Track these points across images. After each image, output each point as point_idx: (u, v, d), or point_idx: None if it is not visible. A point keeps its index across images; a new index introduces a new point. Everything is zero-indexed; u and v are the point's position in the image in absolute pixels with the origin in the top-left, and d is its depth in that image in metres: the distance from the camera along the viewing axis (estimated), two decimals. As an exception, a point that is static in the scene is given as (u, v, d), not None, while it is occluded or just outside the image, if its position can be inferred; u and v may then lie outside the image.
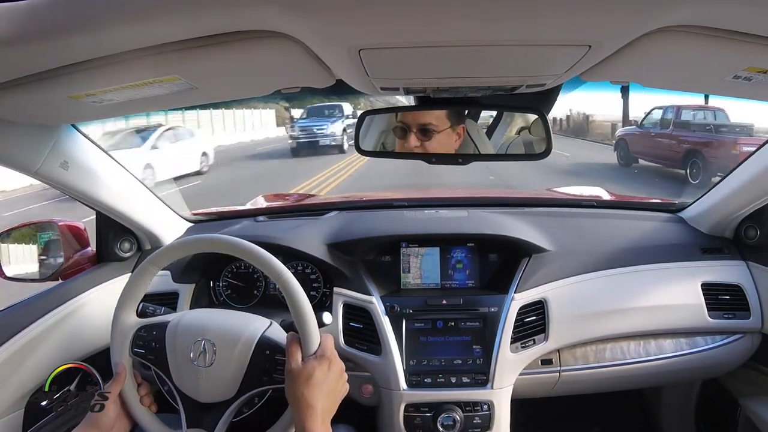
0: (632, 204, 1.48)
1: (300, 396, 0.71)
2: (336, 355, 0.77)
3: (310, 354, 0.75)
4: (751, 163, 1.08)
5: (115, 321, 0.82)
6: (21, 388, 0.92)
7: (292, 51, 0.53)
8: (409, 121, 0.95)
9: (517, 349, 1.05)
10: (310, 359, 0.74)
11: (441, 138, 0.95)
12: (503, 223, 1.22)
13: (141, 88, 0.61)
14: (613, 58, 0.56)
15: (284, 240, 1.15)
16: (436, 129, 0.94)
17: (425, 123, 0.94)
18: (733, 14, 0.46)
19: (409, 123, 0.95)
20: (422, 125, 0.94)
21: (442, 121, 0.94)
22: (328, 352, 0.75)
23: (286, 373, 0.74)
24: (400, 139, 0.97)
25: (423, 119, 0.95)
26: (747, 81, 0.60)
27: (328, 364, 0.74)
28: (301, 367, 0.73)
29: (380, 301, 1.09)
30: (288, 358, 0.74)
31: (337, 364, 0.75)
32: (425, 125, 0.94)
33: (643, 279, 1.14)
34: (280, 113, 18.13)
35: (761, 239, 1.17)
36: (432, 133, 0.94)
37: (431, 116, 0.95)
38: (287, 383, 0.74)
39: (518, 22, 0.46)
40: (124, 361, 0.80)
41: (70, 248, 1.15)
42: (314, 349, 0.76)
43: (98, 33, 0.46)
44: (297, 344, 0.75)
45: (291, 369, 0.73)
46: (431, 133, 0.94)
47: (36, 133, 0.82)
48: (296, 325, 0.77)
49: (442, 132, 0.94)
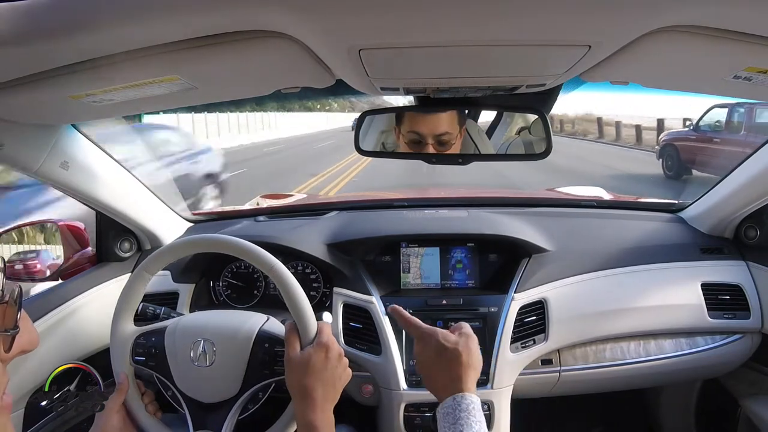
0: (632, 204, 1.48)
1: (298, 385, 0.71)
2: (334, 341, 0.76)
3: (308, 342, 0.75)
4: (751, 163, 1.08)
5: (114, 331, 0.82)
6: (21, 388, 0.92)
7: (292, 51, 0.53)
8: (424, 132, 0.91)
9: (517, 349, 1.05)
10: (308, 348, 0.74)
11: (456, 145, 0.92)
12: (503, 223, 1.22)
13: (141, 88, 0.61)
14: (613, 58, 0.56)
15: (284, 240, 1.15)
16: (452, 138, 0.91)
17: (441, 133, 0.91)
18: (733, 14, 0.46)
19: (424, 134, 0.91)
20: (438, 136, 0.91)
21: (454, 127, 0.91)
22: (325, 338, 0.75)
23: (285, 362, 0.74)
24: (415, 150, 0.93)
25: (438, 129, 0.91)
26: (747, 81, 0.60)
27: (326, 351, 0.73)
28: (299, 356, 0.73)
29: (380, 301, 1.09)
30: (286, 347, 0.74)
31: (334, 350, 0.75)
32: (441, 135, 0.91)
33: (643, 279, 1.14)
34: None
35: (761, 239, 1.17)
36: (448, 144, 0.91)
37: (444, 124, 0.91)
38: (287, 373, 0.74)
39: (518, 22, 0.46)
40: (125, 371, 0.81)
41: (70, 248, 1.15)
42: (312, 335, 0.76)
43: (98, 33, 0.46)
44: (295, 333, 0.75)
45: (290, 358, 0.73)
46: (448, 144, 0.91)
47: (36, 133, 0.82)
48: (292, 314, 0.77)
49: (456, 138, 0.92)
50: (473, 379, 0.69)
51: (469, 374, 0.69)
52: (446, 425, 0.64)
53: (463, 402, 0.65)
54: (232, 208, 1.53)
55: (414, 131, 0.93)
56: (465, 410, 0.64)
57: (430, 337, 0.72)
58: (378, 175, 8.18)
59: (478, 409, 0.65)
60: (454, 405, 0.65)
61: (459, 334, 0.73)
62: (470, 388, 0.68)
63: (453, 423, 0.63)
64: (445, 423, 0.64)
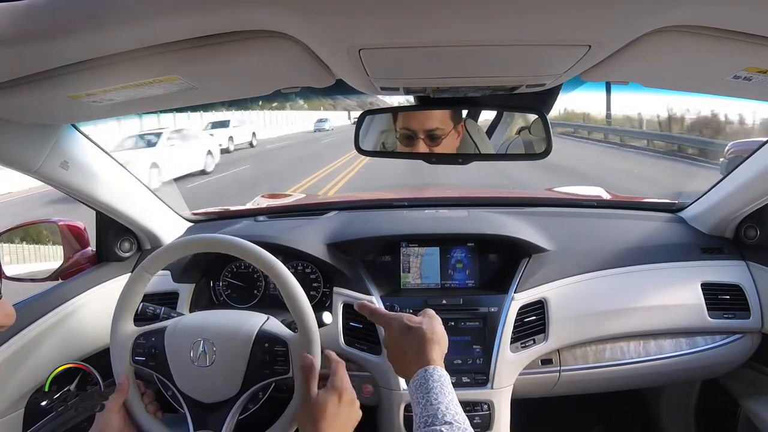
0: (632, 204, 1.48)
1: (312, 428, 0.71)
2: (347, 384, 0.76)
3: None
4: (751, 163, 1.08)
5: (113, 331, 0.82)
6: (21, 388, 0.92)
7: (292, 51, 0.53)
8: (415, 128, 0.93)
9: (517, 349, 1.05)
10: (322, 392, 0.74)
11: (448, 141, 0.93)
12: (503, 223, 1.22)
13: (141, 88, 0.61)
14: (613, 58, 0.56)
15: (284, 240, 1.15)
16: (443, 133, 0.92)
17: (432, 129, 0.92)
18: (733, 14, 0.46)
19: (415, 129, 0.93)
20: (429, 131, 0.92)
21: (446, 123, 0.93)
22: (339, 382, 0.75)
23: (299, 400, 0.75)
24: (407, 147, 0.94)
25: (429, 125, 0.92)
26: (747, 81, 0.60)
27: (339, 396, 0.74)
28: (314, 399, 0.73)
29: (380, 301, 1.09)
30: (304, 384, 0.75)
31: (348, 394, 0.75)
32: (432, 131, 0.92)
33: (643, 279, 1.14)
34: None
35: (761, 239, 1.17)
36: (440, 138, 0.92)
37: (436, 120, 0.92)
38: (299, 411, 0.75)
39: (518, 22, 0.46)
40: (125, 371, 0.81)
41: (70, 248, 1.15)
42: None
43: (98, 33, 0.46)
44: (314, 371, 0.76)
45: (305, 399, 0.74)
46: (439, 139, 0.92)
47: (36, 133, 0.82)
48: (292, 313, 0.77)
49: (449, 134, 0.93)
50: (439, 354, 0.70)
51: (434, 349, 0.69)
52: (419, 396, 0.63)
53: (435, 373, 0.65)
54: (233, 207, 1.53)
55: (405, 127, 0.94)
56: (438, 381, 0.64)
57: (395, 321, 0.74)
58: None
59: (449, 383, 0.65)
60: (426, 376, 0.65)
61: (423, 316, 0.75)
62: (437, 361, 0.68)
63: (426, 392, 0.63)
64: (418, 394, 0.63)
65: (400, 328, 0.72)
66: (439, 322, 0.75)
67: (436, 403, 0.61)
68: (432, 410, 0.60)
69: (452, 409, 0.61)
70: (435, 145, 0.93)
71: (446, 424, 0.58)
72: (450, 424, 0.58)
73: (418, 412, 0.62)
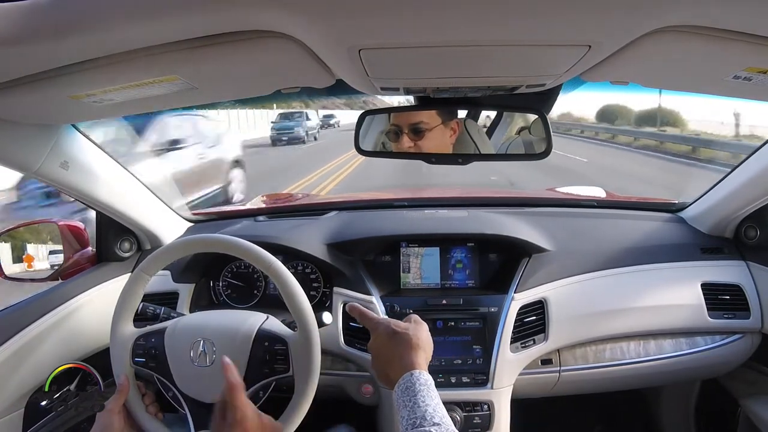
0: (632, 204, 1.48)
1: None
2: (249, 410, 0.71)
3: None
4: (751, 163, 1.08)
5: (113, 333, 0.82)
6: (21, 388, 0.92)
7: (292, 51, 0.53)
8: (401, 123, 0.95)
9: (517, 349, 1.05)
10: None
11: (434, 135, 0.94)
12: (503, 223, 1.22)
13: (141, 88, 0.61)
14: (613, 58, 0.56)
15: (284, 240, 1.15)
16: (427, 127, 0.93)
17: (415, 122, 0.94)
18: (733, 14, 0.46)
19: (401, 124, 0.95)
20: (413, 125, 0.94)
21: (432, 118, 0.94)
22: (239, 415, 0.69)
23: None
24: (394, 142, 0.96)
25: (413, 118, 0.94)
26: (747, 81, 0.60)
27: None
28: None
29: (380, 301, 1.09)
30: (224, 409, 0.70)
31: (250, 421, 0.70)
32: (416, 124, 0.94)
33: (643, 279, 1.14)
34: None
35: (761, 239, 1.17)
36: (424, 132, 0.94)
37: (421, 114, 0.94)
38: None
39: (518, 22, 0.46)
40: (125, 373, 0.81)
41: (70, 248, 1.15)
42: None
43: (98, 33, 0.46)
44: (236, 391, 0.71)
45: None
46: (423, 132, 0.94)
47: (36, 133, 0.82)
48: (292, 313, 0.77)
49: (434, 129, 0.94)
50: (424, 359, 0.71)
51: (419, 354, 0.70)
52: (406, 399, 0.63)
53: (421, 377, 0.66)
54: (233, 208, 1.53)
55: (393, 124, 0.96)
56: (424, 384, 0.64)
57: (381, 325, 0.75)
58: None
59: (434, 388, 0.66)
60: (413, 380, 0.65)
61: (409, 321, 0.76)
62: (422, 366, 0.69)
63: (413, 395, 0.63)
64: (405, 397, 0.63)
65: (386, 333, 0.73)
66: (424, 328, 0.76)
67: (424, 405, 0.61)
68: (420, 412, 0.61)
69: (440, 412, 0.61)
70: (418, 139, 0.94)
71: (435, 425, 0.59)
72: (439, 425, 0.59)
73: (405, 414, 0.62)
